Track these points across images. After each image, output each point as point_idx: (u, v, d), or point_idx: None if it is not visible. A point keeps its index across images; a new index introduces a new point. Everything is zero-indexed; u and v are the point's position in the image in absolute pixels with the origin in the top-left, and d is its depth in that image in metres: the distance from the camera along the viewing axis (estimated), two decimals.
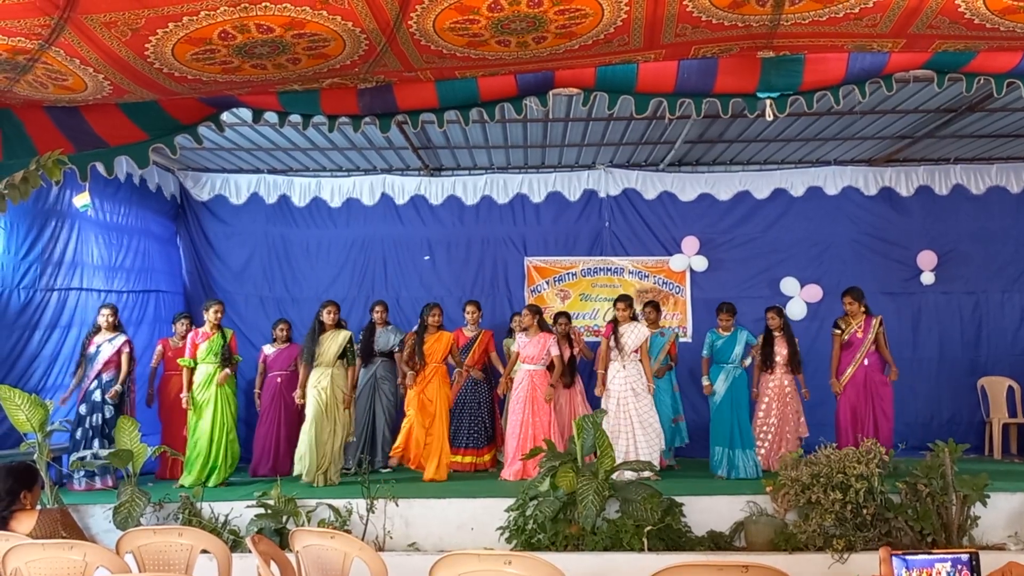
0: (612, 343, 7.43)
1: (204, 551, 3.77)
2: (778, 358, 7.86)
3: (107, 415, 7.42)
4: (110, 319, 7.63)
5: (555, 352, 7.75)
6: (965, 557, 1.55)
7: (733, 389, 7.64)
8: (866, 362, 7.70)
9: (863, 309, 7.80)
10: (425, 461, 7.64)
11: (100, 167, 5.18)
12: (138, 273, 9.13)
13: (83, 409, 7.44)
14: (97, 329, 7.67)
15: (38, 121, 4.91)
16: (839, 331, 7.84)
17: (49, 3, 3.45)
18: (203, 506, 6.30)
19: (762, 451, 7.75)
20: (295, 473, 7.34)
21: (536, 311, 7.94)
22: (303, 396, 7.49)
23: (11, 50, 3.92)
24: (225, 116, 5.37)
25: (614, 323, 7.53)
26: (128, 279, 8.95)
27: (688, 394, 8.91)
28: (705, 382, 7.79)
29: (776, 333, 7.93)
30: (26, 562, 3.36)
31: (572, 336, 8.52)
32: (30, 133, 4.91)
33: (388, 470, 8.00)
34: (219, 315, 7.74)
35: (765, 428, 7.86)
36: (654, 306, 8.52)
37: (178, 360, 7.82)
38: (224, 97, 4.95)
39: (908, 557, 1.57)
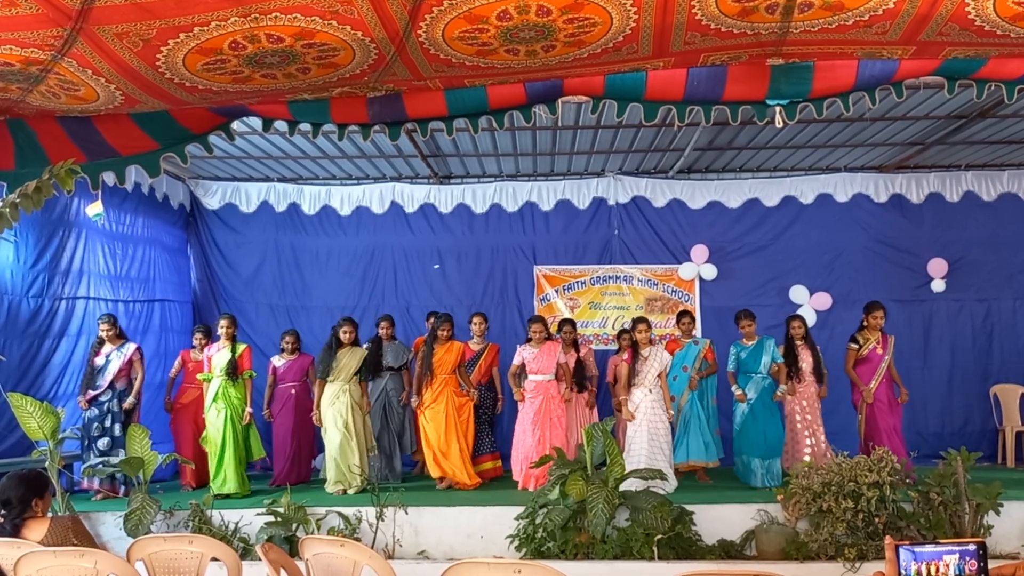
0: (638, 367, 7.25)
1: (214, 559, 3.78)
2: (804, 365, 7.63)
3: (120, 420, 7.41)
4: (109, 332, 7.55)
5: (563, 359, 7.75)
6: (972, 548, 1.54)
7: (762, 398, 7.47)
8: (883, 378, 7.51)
9: (881, 325, 7.61)
10: (456, 472, 7.48)
11: (112, 176, 5.21)
12: (144, 282, 9.18)
13: (93, 415, 7.40)
14: (102, 341, 7.60)
15: (50, 131, 4.96)
16: (856, 346, 7.61)
17: (62, 14, 3.49)
18: (213, 514, 6.32)
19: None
20: (328, 490, 7.29)
21: (545, 323, 7.89)
22: (319, 418, 7.54)
23: (24, 61, 3.96)
24: (235, 125, 5.41)
25: (634, 348, 7.36)
26: (134, 288, 8.99)
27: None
28: (737, 391, 7.57)
29: (799, 342, 7.72)
30: (37, 569, 3.37)
31: (579, 343, 8.47)
32: (43, 143, 4.96)
33: (403, 483, 7.90)
34: (229, 329, 7.77)
35: (802, 438, 7.58)
36: (690, 317, 8.32)
37: (197, 376, 7.90)
38: (234, 106, 4.98)
39: (916, 549, 1.56)
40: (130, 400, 7.49)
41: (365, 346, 7.95)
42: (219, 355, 7.69)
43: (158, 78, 4.25)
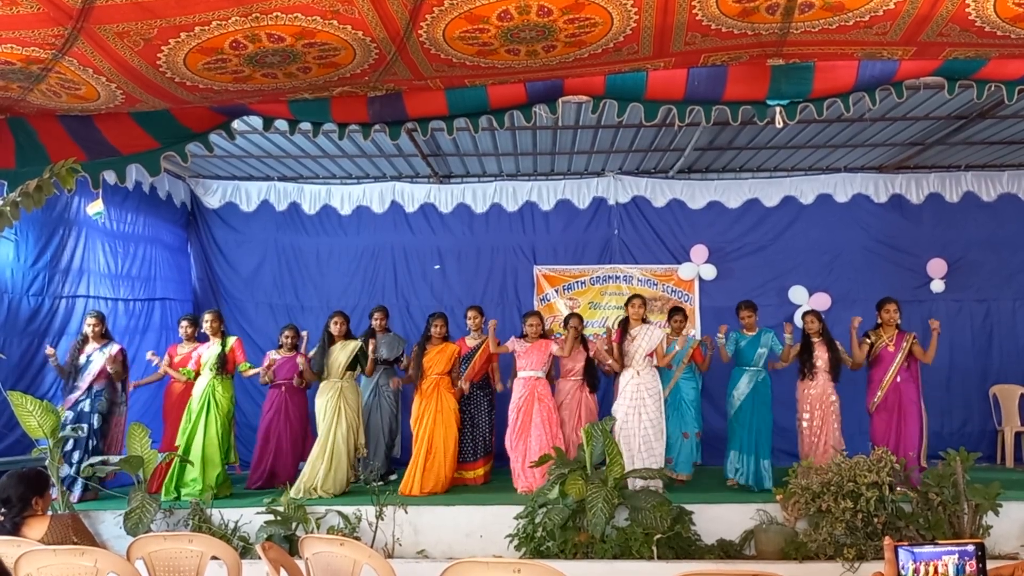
0: (626, 347, 7.16)
1: (214, 558, 3.79)
2: (819, 363, 7.40)
3: (96, 425, 7.19)
4: (96, 329, 7.38)
5: (555, 350, 7.54)
6: (971, 548, 1.55)
7: (756, 393, 7.37)
8: (899, 379, 7.25)
9: (898, 322, 7.42)
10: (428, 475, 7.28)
11: (112, 175, 5.22)
12: (145, 281, 9.16)
13: (70, 418, 7.12)
14: (86, 339, 7.41)
15: (51, 130, 4.96)
16: (868, 341, 7.39)
17: (63, 13, 3.49)
18: (213, 513, 6.32)
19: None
20: (298, 493, 6.89)
21: (542, 318, 7.79)
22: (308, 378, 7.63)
23: (25, 60, 3.96)
24: (236, 124, 5.41)
25: (624, 325, 7.29)
26: (135, 286, 8.97)
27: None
28: (720, 339, 7.56)
29: (815, 338, 7.51)
30: (38, 568, 3.38)
31: (587, 340, 8.38)
32: (43, 142, 4.96)
33: (393, 478, 7.89)
34: (213, 323, 7.73)
35: (812, 439, 7.36)
36: (682, 314, 8.17)
37: (179, 370, 7.79)
38: (235, 106, 4.99)
39: (915, 550, 1.56)
40: (103, 403, 7.25)
41: (359, 338, 7.92)
42: (208, 351, 7.60)
43: (159, 77, 4.26)
